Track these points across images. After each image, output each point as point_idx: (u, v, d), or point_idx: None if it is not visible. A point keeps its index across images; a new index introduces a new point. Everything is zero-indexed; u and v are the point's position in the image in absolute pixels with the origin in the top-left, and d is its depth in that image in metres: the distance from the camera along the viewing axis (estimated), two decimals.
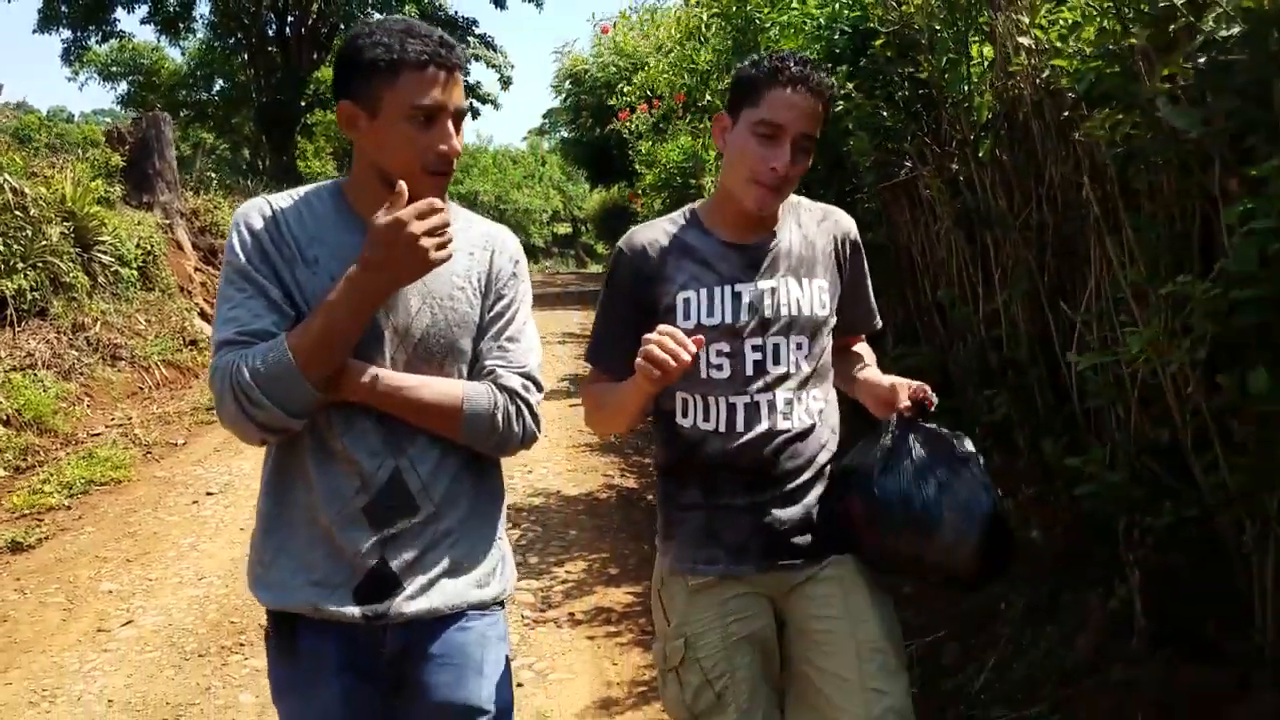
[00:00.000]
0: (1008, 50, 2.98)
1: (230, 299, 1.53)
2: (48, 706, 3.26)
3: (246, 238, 1.54)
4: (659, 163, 8.00)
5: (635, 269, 1.85)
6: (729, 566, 1.83)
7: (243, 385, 1.45)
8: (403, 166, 1.51)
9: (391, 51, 1.48)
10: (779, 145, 1.73)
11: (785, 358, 1.82)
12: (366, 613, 1.55)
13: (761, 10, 4.23)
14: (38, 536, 4.96)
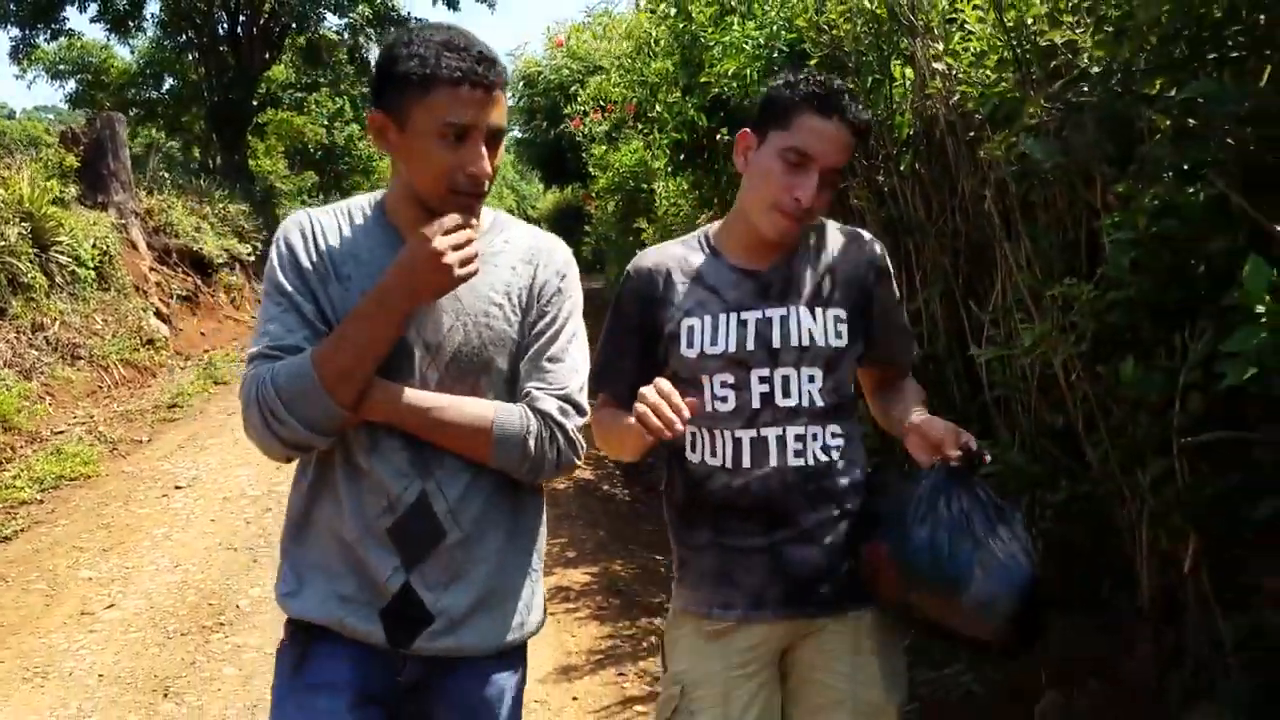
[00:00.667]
0: (925, 74, 3.32)
1: (267, 313, 1.51)
2: (40, 682, 3.47)
3: (284, 253, 1.53)
4: (612, 167, 8.31)
5: (640, 293, 1.78)
6: (746, 612, 1.71)
7: (267, 399, 1.43)
8: (430, 184, 1.48)
9: (425, 65, 1.43)
10: (806, 174, 1.64)
11: (796, 390, 1.71)
12: (389, 637, 1.51)
13: (706, 30, 4.54)
14: (13, 529, 5.13)
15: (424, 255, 1.42)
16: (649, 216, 7.55)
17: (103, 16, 20.76)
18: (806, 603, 1.70)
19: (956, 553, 1.56)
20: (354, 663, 1.51)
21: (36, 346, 8.97)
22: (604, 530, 5.06)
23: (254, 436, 1.47)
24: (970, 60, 3.11)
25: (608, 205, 9.26)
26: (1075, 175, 2.58)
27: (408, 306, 1.46)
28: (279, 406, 1.42)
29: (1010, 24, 2.64)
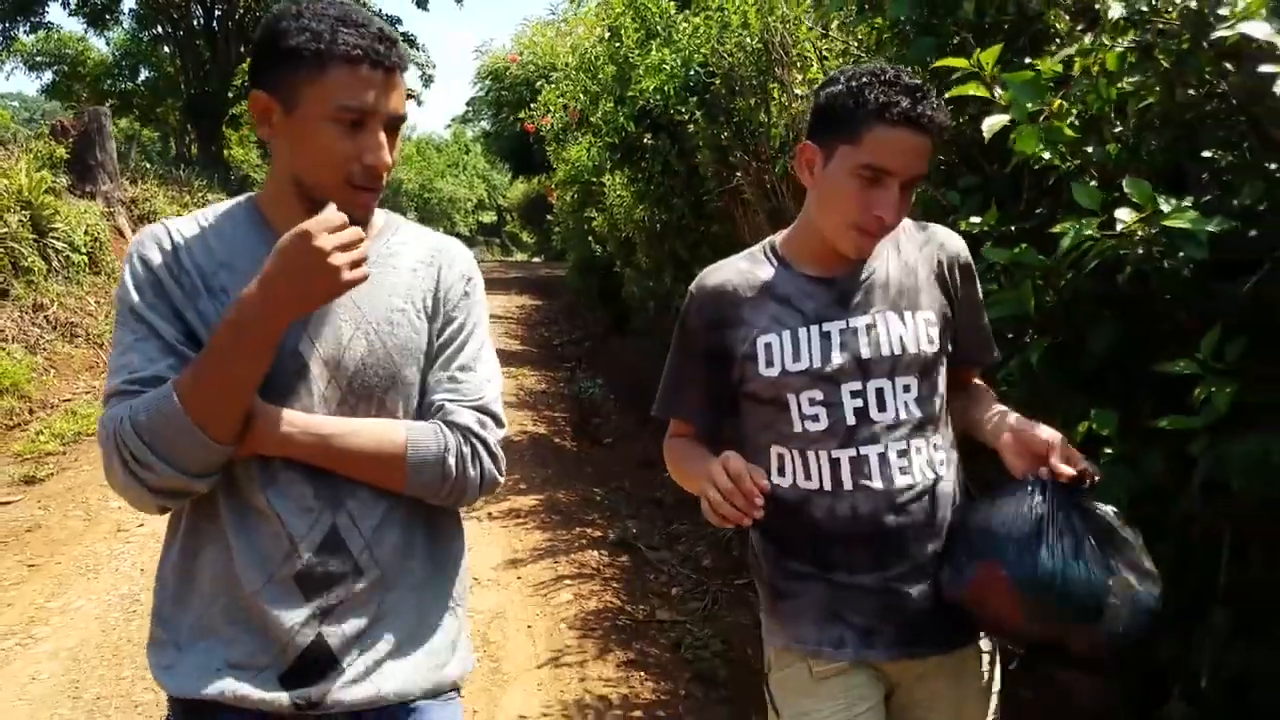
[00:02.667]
0: (791, 95, 4.27)
1: (121, 343, 1.30)
2: (94, 575, 4.37)
3: (140, 271, 1.32)
4: (568, 161, 9.23)
5: (707, 314, 1.64)
6: (859, 651, 1.58)
7: (127, 442, 1.22)
8: (321, 176, 1.30)
9: (319, 40, 1.26)
10: (885, 190, 1.49)
11: (892, 403, 1.56)
12: (298, 700, 1.31)
13: (633, 51, 5.49)
14: (45, 473, 6.00)
15: (306, 255, 1.20)
16: (599, 206, 8.47)
17: (80, 10, 21.35)
18: (920, 643, 1.58)
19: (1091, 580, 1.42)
20: None
21: (38, 325, 9.79)
22: (551, 470, 6.02)
23: (118, 487, 1.26)
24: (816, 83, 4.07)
25: (566, 195, 10.17)
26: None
27: (287, 316, 1.25)
28: (141, 449, 1.22)
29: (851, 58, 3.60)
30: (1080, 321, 2.08)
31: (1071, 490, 1.48)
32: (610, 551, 4.67)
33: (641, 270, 7.61)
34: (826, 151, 1.54)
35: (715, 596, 4.05)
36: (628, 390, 8.14)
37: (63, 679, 3.41)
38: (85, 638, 3.74)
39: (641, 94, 5.38)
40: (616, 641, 3.67)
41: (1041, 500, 1.47)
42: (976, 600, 1.51)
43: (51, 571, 4.42)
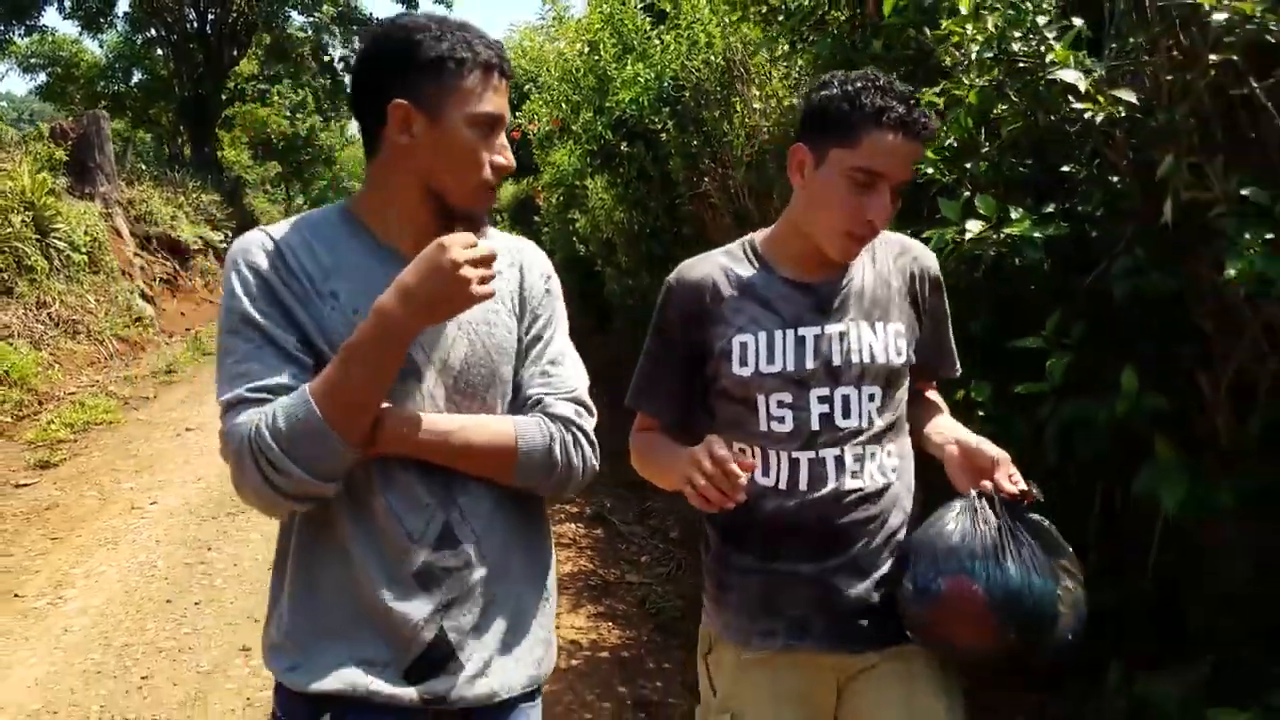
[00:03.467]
0: (750, 109, 4.69)
1: (234, 351, 1.32)
2: (114, 546, 4.77)
3: (249, 277, 1.33)
4: (554, 165, 9.63)
5: (686, 308, 1.65)
6: (787, 641, 1.61)
7: (263, 449, 1.25)
8: (463, 178, 1.36)
9: (460, 50, 1.32)
10: (877, 194, 1.51)
11: (856, 410, 1.59)
12: (425, 695, 1.36)
13: (611, 65, 5.91)
14: (59, 458, 6.38)
15: (442, 269, 1.25)
16: (582, 209, 8.89)
17: (75, 13, 21.69)
18: (854, 638, 1.60)
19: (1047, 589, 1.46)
20: None
21: (42, 321, 10.16)
22: None
23: (250, 493, 1.29)
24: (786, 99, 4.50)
25: (551, 198, 10.58)
26: None
27: (422, 325, 1.30)
28: (280, 456, 1.24)
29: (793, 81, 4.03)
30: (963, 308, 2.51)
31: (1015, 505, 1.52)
32: (586, 525, 5.09)
33: (621, 270, 8.03)
34: (818, 154, 1.55)
35: (680, 563, 4.48)
36: (609, 384, 8.55)
37: (92, 631, 3.82)
38: (110, 597, 4.14)
39: (618, 104, 5.80)
40: (588, 598, 4.09)
41: (993, 515, 1.51)
42: (943, 617, 1.50)
43: (73, 543, 4.82)
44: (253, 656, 3.58)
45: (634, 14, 5.86)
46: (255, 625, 3.85)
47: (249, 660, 3.55)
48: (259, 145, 29.97)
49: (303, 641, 1.36)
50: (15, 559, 4.62)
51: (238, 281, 1.33)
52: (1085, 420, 2.21)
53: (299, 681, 1.35)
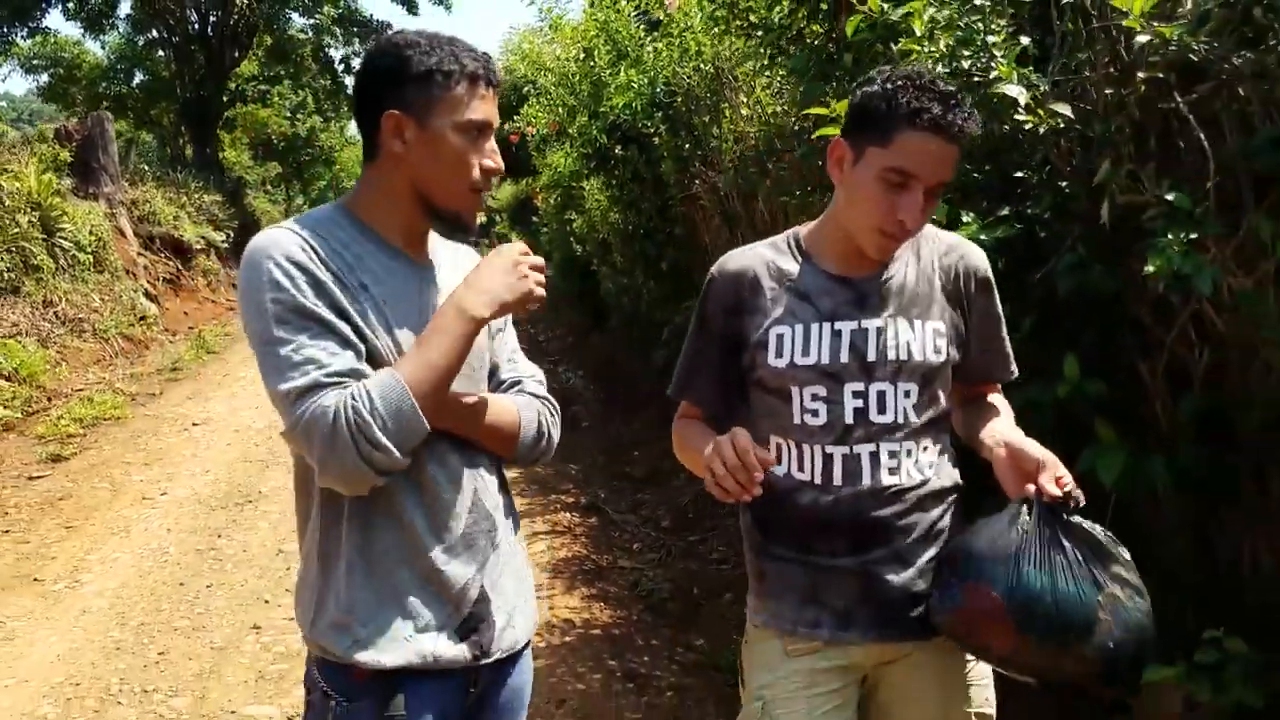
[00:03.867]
0: (738, 115, 4.89)
1: (291, 341, 1.36)
2: (125, 535, 4.96)
3: (293, 271, 1.38)
4: (551, 166, 9.84)
5: (724, 298, 1.68)
6: (834, 633, 1.62)
7: (362, 426, 1.31)
8: (452, 182, 1.45)
9: (447, 62, 1.42)
10: (911, 194, 1.52)
11: (892, 406, 1.60)
12: (474, 650, 1.49)
13: (605, 71, 6.11)
14: (70, 452, 6.57)
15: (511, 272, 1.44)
16: (578, 209, 9.09)
17: (78, 14, 21.86)
18: (896, 626, 1.61)
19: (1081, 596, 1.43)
20: (438, 696, 1.47)
21: (48, 320, 10.34)
22: None
23: (339, 469, 1.34)
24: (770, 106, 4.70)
25: (550, 198, 10.79)
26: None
27: (492, 319, 1.44)
28: (377, 435, 1.32)
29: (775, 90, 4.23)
30: None
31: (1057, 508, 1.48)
32: (581, 514, 5.29)
33: (616, 269, 8.24)
34: (856, 151, 1.56)
35: (670, 549, 4.67)
36: (605, 380, 8.76)
37: (109, 611, 4.01)
38: (125, 581, 4.33)
39: (613, 109, 6.00)
40: (582, 581, 4.29)
41: (1028, 519, 1.48)
42: (966, 623, 1.52)
43: (87, 531, 5.01)
44: (263, 634, 3.78)
45: (628, 22, 6.05)
46: (265, 606, 4.05)
47: (260, 637, 3.75)
48: (259, 146, 30.12)
49: (367, 615, 1.43)
50: (32, 546, 4.81)
51: (280, 275, 1.37)
52: (1034, 404, 2.41)
53: (371, 659, 1.41)
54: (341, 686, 1.44)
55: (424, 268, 1.52)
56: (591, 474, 6.11)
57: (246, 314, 1.40)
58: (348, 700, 1.43)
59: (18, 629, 3.86)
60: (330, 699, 1.44)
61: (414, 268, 1.51)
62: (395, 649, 1.42)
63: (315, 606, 1.46)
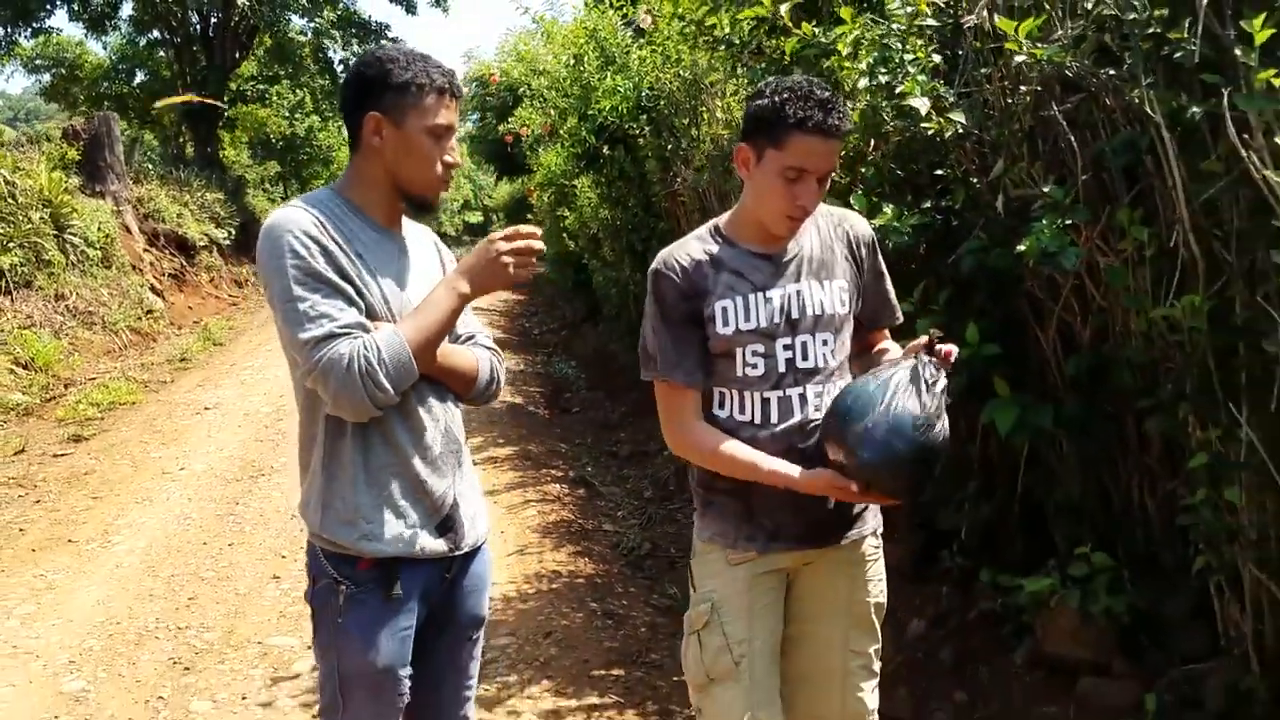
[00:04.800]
0: (713, 118, 5.32)
1: (306, 299, 1.67)
2: (149, 504, 5.39)
3: (306, 242, 1.69)
4: (545, 165, 10.27)
5: (677, 286, 1.94)
6: (767, 544, 1.97)
7: (370, 371, 1.65)
8: (420, 173, 1.78)
9: (420, 76, 1.74)
10: (806, 184, 1.84)
11: (813, 354, 1.94)
12: (450, 544, 1.85)
13: (594, 76, 6.54)
14: (89, 433, 6.99)
15: (491, 256, 1.77)
16: (570, 206, 9.52)
17: (80, 15, 22.23)
18: (815, 536, 1.98)
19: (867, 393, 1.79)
20: (423, 579, 1.84)
21: (60, 313, 10.73)
22: (525, 429, 7.07)
23: (349, 402, 1.67)
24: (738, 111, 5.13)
25: (544, 196, 11.21)
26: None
27: (478, 295, 1.81)
28: (382, 379, 1.67)
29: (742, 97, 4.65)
30: None
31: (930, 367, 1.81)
32: (570, 486, 5.72)
33: (607, 262, 8.68)
34: (757, 153, 1.86)
35: (650, 516, 5.11)
36: (597, 370, 9.19)
37: (140, 565, 4.44)
38: (153, 541, 4.76)
39: (601, 112, 6.43)
40: (568, 540, 4.73)
41: (902, 374, 1.80)
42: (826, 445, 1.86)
43: (113, 501, 5.44)
44: (282, 582, 4.21)
45: (614, 30, 6.49)
46: (283, 560, 4.48)
47: (279, 585, 4.18)
48: (258, 145, 30.43)
49: (370, 515, 1.76)
50: (63, 514, 5.23)
51: (298, 245, 1.68)
52: None
53: (371, 549, 1.75)
54: (348, 573, 1.78)
55: (400, 243, 1.87)
56: (580, 452, 6.55)
57: (268, 277, 1.71)
58: (355, 585, 1.77)
59: (58, 580, 4.28)
60: (340, 584, 1.77)
61: (393, 240, 1.85)
62: (396, 543, 1.77)
63: (322, 509, 1.79)
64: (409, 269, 1.86)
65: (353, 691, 1.80)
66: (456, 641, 1.97)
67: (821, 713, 2.10)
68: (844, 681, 2.07)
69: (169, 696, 3.29)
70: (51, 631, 3.77)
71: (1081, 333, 2.81)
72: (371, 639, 1.76)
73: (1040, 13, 2.53)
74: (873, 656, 2.10)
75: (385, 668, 1.78)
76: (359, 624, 1.76)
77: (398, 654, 1.80)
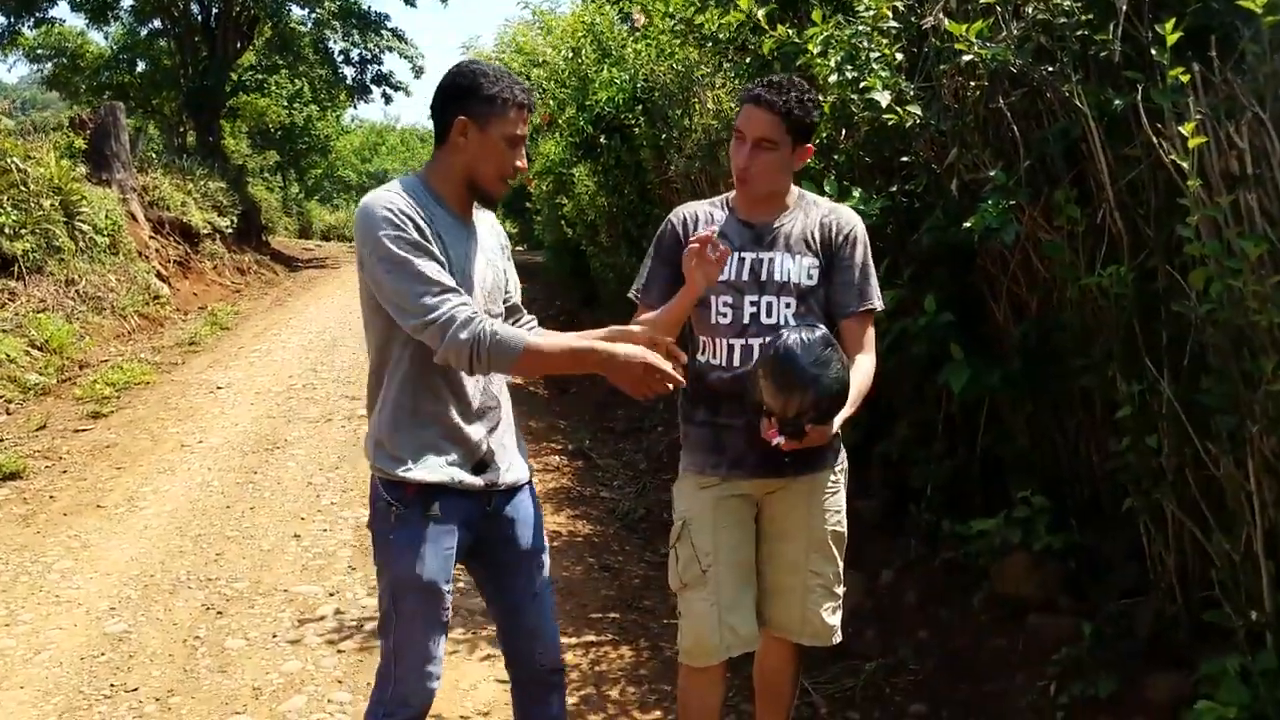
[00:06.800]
0: (704, 108, 5.62)
1: (413, 260, 1.94)
2: (172, 473, 5.70)
3: (404, 217, 1.96)
4: (544, 155, 10.56)
5: (675, 231, 2.37)
6: (729, 471, 2.29)
7: (479, 351, 1.91)
8: (492, 173, 2.05)
9: (507, 92, 2.00)
10: (742, 145, 2.23)
11: (776, 313, 2.26)
12: (485, 482, 2.11)
13: (591, 68, 6.84)
14: (107, 410, 7.29)
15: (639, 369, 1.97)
16: (568, 194, 9.82)
17: (82, 5, 22.45)
18: (774, 466, 2.25)
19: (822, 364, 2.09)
20: (463, 506, 2.09)
21: (71, 298, 11.01)
22: (525, 406, 7.38)
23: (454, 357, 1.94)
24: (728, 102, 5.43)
25: (542, 185, 11.50)
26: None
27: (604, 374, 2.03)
28: (483, 359, 1.93)
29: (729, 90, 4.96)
30: None
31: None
32: (569, 457, 6.05)
33: (604, 248, 8.98)
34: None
35: (645, 485, 5.43)
36: None
37: (168, 525, 4.76)
38: (178, 506, 5.08)
39: (598, 103, 6.74)
40: (567, 505, 5.05)
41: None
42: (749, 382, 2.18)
43: (136, 471, 5.75)
44: (303, 540, 4.53)
45: (611, 24, 6.79)
46: (302, 521, 4.81)
47: (300, 543, 4.51)
48: (257, 134, 30.63)
49: (413, 452, 2.05)
50: (89, 482, 5.54)
51: (396, 218, 1.95)
52: (905, 331, 3.17)
53: (417, 476, 2.04)
54: (398, 496, 2.07)
55: (470, 227, 2.13)
56: (578, 428, 6.87)
57: (369, 245, 1.96)
58: (403, 506, 2.06)
59: (91, 539, 4.60)
60: (391, 506, 2.07)
61: (465, 227, 2.11)
62: (433, 472, 2.05)
63: (376, 444, 2.10)
64: (476, 251, 2.14)
65: (403, 603, 2.07)
66: (524, 572, 2.23)
67: (784, 623, 2.43)
68: (804, 598, 2.38)
69: (205, 635, 3.61)
70: (90, 583, 4.09)
71: (1029, 302, 3.13)
72: (417, 551, 2.04)
73: (989, 15, 2.84)
74: (832, 579, 2.40)
75: (430, 579, 2.05)
76: (408, 539, 2.04)
77: (440, 569, 2.07)
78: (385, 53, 24.76)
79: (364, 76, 25.45)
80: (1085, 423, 3.20)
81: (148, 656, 3.46)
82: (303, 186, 36.12)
